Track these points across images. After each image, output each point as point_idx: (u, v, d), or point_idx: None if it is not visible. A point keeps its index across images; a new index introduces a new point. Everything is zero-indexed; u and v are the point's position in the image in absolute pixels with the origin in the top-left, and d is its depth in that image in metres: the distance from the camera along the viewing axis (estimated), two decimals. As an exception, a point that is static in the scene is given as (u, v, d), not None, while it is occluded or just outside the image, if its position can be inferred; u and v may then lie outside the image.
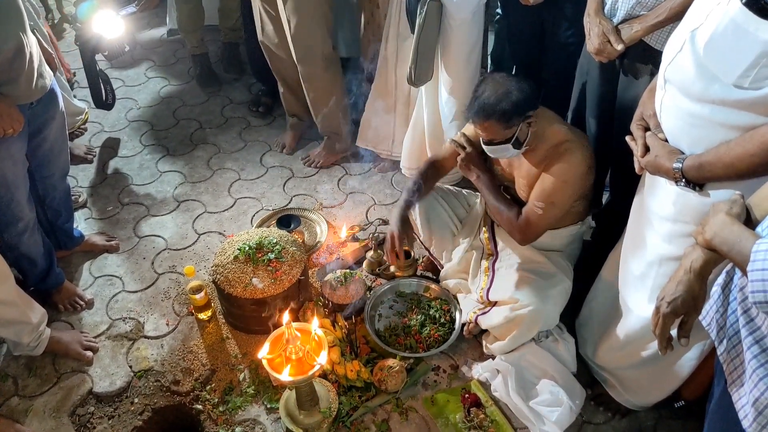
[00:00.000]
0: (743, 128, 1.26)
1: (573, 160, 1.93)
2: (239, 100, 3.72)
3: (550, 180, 1.95)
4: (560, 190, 1.96)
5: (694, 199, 1.45)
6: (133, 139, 3.41)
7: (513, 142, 1.93)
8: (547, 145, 1.97)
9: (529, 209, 2.03)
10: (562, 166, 1.93)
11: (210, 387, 2.16)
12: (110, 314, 2.44)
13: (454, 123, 2.67)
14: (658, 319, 1.27)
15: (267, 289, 2.18)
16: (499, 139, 1.94)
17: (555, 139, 1.96)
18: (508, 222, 2.11)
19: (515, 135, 1.92)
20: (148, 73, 3.99)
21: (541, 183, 1.99)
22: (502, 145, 1.95)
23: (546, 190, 1.97)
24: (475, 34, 2.52)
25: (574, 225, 2.16)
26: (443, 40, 2.50)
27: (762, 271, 0.96)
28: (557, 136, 1.96)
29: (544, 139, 1.97)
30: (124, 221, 2.88)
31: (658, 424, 2.05)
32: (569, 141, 1.94)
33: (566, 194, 1.97)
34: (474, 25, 2.49)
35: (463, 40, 2.50)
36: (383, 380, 2.08)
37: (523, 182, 2.08)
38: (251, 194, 3.04)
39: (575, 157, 1.93)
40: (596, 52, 1.91)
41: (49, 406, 2.10)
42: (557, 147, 1.95)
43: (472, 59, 2.57)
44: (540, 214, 2.00)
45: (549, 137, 1.97)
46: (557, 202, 1.98)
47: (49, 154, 2.26)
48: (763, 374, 1.07)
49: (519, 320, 2.03)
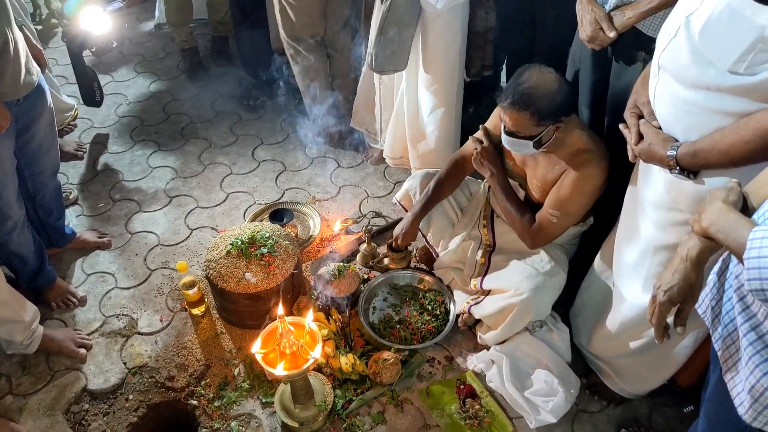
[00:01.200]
0: (738, 115, 1.25)
1: (593, 173, 1.88)
2: (229, 94, 3.69)
3: (568, 190, 1.92)
4: (576, 201, 1.93)
5: (689, 187, 1.45)
6: (123, 135, 3.38)
7: (535, 141, 1.87)
8: (566, 151, 1.92)
9: (544, 217, 2.01)
10: (581, 177, 1.89)
11: (205, 382, 2.15)
12: (103, 311, 2.43)
13: (433, 115, 2.64)
14: (655, 308, 1.27)
15: (260, 284, 2.17)
16: (524, 134, 1.87)
17: (575, 146, 1.91)
18: (520, 226, 2.08)
19: (540, 135, 1.86)
20: (137, 68, 3.95)
21: (557, 191, 1.96)
22: (524, 141, 1.88)
23: (562, 200, 1.94)
24: (452, 30, 2.46)
25: (576, 226, 2.14)
26: (422, 33, 2.47)
27: (758, 259, 0.95)
28: (577, 144, 1.90)
29: (563, 143, 1.92)
30: (115, 217, 2.86)
31: (653, 411, 2.06)
32: (590, 152, 1.89)
33: (582, 204, 1.96)
34: (451, 20, 2.42)
35: (439, 35, 2.45)
36: (378, 373, 2.08)
37: (537, 184, 2.05)
38: (243, 188, 3.02)
39: (596, 170, 1.88)
40: (589, 40, 1.90)
41: (43, 404, 2.09)
42: (576, 156, 1.90)
43: (450, 55, 2.52)
44: (554, 223, 1.99)
45: (569, 143, 1.91)
46: (572, 212, 1.97)
47: (38, 151, 2.23)
48: (759, 361, 1.07)
49: (511, 309, 2.03)
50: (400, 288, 2.47)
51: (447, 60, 2.53)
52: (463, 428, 2.00)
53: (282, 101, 3.46)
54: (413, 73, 2.61)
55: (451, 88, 2.63)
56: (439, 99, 2.61)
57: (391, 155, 2.99)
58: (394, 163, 3.02)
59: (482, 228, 2.32)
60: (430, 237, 2.43)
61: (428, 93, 2.61)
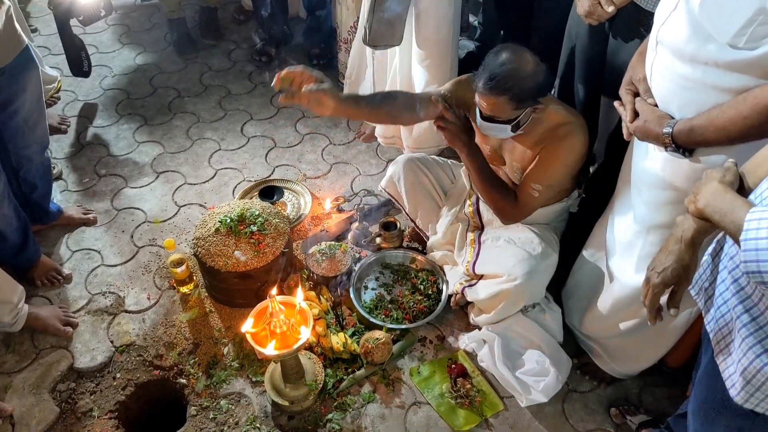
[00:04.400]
0: (736, 91, 1.23)
1: (575, 143, 1.85)
2: (218, 67, 3.61)
3: (550, 163, 1.89)
4: (560, 172, 1.90)
5: (684, 166, 1.43)
6: (109, 109, 3.30)
7: (513, 125, 1.82)
8: (543, 128, 1.88)
9: (525, 192, 1.97)
10: (563, 149, 1.86)
11: (194, 361, 2.13)
12: (89, 289, 2.39)
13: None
14: (648, 289, 1.25)
15: (250, 262, 2.14)
16: (502, 118, 1.81)
17: (553, 121, 1.87)
18: (501, 202, 2.03)
19: (519, 118, 1.81)
20: (122, 40, 3.85)
21: (538, 166, 1.91)
22: (501, 125, 1.83)
23: (545, 173, 1.91)
24: (443, 5, 2.41)
25: (560, 202, 2.11)
26: (415, 7, 2.42)
27: (755, 241, 0.93)
28: (555, 118, 1.87)
29: (540, 121, 1.87)
30: (101, 193, 2.81)
31: (643, 391, 2.07)
32: (570, 123, 1.85)
33: (565, 176, 1.93)
34: None
35: (431, 9, 2.41)
36: (369, 352, 2.06)
37: (517, 165, 2.00)
38: (232, 165, 2.97)
39: (577, 140, 1.85)
40: (586, 15, 1.85)
41: (28, 383, 2.06)
42: (556, 129, 1.86)
43: (443, 31, 2.47)
44: (535, 197, 1.96)
45: (546, 119, 1.87)
46: (554, 185, 1.94)
47: (23, 126, 2.16)
48: (752, 343, 1.06)
49: (505, 294, 2.01)
50: (393, 267, 2.45)
51: (440, 35, 2.48)
52: (454, 407, 2.00)
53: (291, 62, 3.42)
54: (407, 48, 2.56)
55: (444, 64, 2.58)
56: (432, 75, 2.56)
57: (383, 134, 2.94)
58: (386, 143, 2.98)
59: (468, 209, 2.30)
60: (419, 221, 2.41)
61: (421, 69, 2.56)
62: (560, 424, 1.98)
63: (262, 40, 3.70)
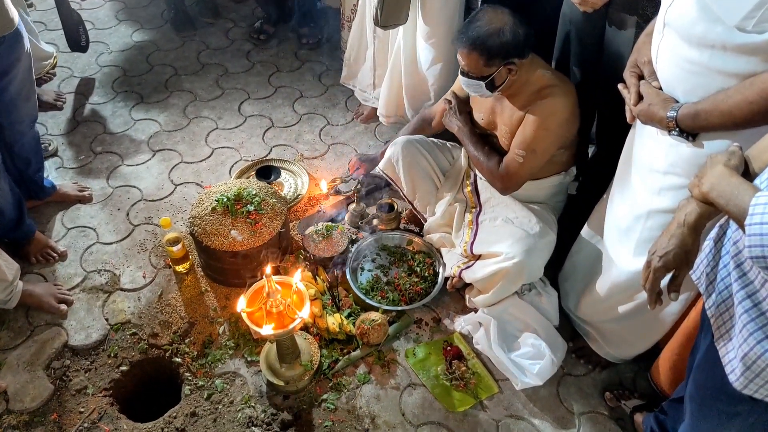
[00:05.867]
0: (743, 76, 1.21)
1: (554, 106, 1.88)
2: (216, 46, 3.57)
3: (531, 127, 1.91)
4: (541, 137, 1.91)
5: (687, 151, 1.41)
6: (105, 86, 3.26)
7: (487, 83, 1.89)
8: (530, 90, 1.92)
9: (510, 158, 2.00)
10: (542, 112, 1.89)
11: (189, 340, 2.13)
12: (84, 266, 2.37)
13: (432, 69, 2.58)
14: (649, 273, 1.24)
15: (246, 242, 2.13)
16: (475, 74, 1.89)
17: (538, 84, 1.91)
18: (489, 171, 2.09)
19: (492, 76, 1.87)
20: (119, 16, 3.80)
21: (522, 130, 1.95)
22: (477, 81, 1.90)
23: (527, 138, 1.93)
24: None
25: (557, 175, 2.12)
26: None
27: (760, 225, 0.92)
28: (540, 82, 1.91)
29: (528, 84, 1.92)
30: (97, 171, 2.78)
31: (638, 376, 2.07)
32: (552, 86, 1.89)
33: (547, 141, 1.93)
34: None
35: None
36: (365, 333, 2.06)
37: (506, 129, 2.03)
38: (229, 144, 2.94)
39: (557, 102, 1.88)
40: (580, 2, 1.83)
41: (23, 360, 2.05)
42: (540, 92, 1.90)
43: (450, 5, 2.46)
44: (520, 163, 1.97)
45: (533, 82, 1.92)
46: (538, 150, 1.94)
47: (16, 99, 2.14)
48: (754, 329, 1.05)
49: (503, 273, 2.00)
50: (390, 249, 2.44)
51: (446, 11, 2.46)
52: (448, 389, 2.00)
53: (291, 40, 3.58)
54: (411, 27, 2.53)
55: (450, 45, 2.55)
56: (438, 52, 2.54)
57: (385, 113, 2.91)
58: (387, 122, 2.95)
59: (466, 189, 2.29)
60: (416, 203, 2.40)
61: (427, 46, 2.54)
62: (555, 407, 1.99)
63: (260, 19, 3.66)
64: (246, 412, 1.94)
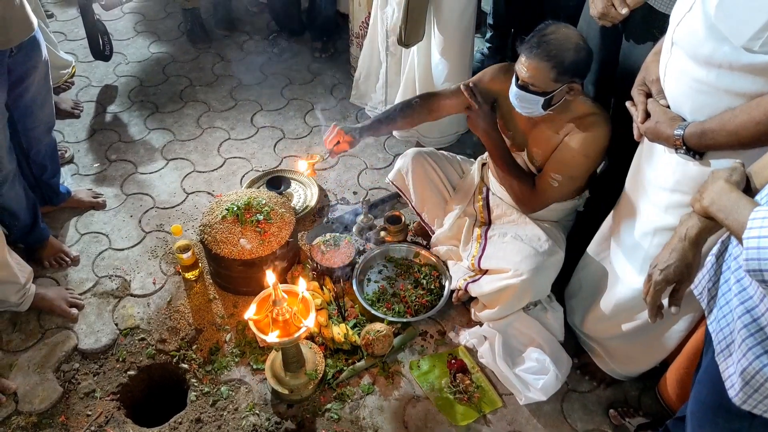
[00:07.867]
0: (750, 95, 1.22)
1: (598, 134, 1.85)
2: (230, 58, 3.63)
3: (571, 152, 1.88)
4: (581, 163, 1.89)
5: (694, 169, 1.42)
6: (122, 95, 3.33)
7: (545, 100, 1.80)
8: (569, 116, 1.88)
9: (545, 181, 1.97)
10: (587, 139, 1.85)
11: (196, 347, 2.15)
12: (96, 271, 2.41)
13: (446, 84, 2.61)
14: (650, 286, 1.25)
15: (255, 250, 2.15)
16: (539, 88, 1.79)
17: (579, 111, 1.87)
18: (520, 190, 2.05)
19: (554, 92, 1.80)
20: (137, 28, 3.88)
21: (560, 155, 1.91)
22: (535, 97, 1.80)
23: (566, 163, 1.90)
24: None
25: (572, 200, 2.11)
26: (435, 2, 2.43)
27: (758, 239, 0.93)
28: (582, 108, 1.87)
29: (568, 109, 1.88)
30: (111, 178, 2.83)
31: (643, 393, 2.06)
32: (596, 114, 1.85)
33: (586, 168, 1.92)
34: None
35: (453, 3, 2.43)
36: (370, 344, 2.07)
37: (539, 152, 2.00)
38: (241, 154, 2.99)
39: (601, 131, 1.85)
40: (600, 16, 1.85)
41: (33, 362, 2.09)
42: (582, 119, 1.86)
43: (464, 20, 2.50)
44: (555, 187, 1.95)
45: (573, 108, 1.88)
46: (575, 176, 1.93)
47: (32, 105, 2.19)
48: (752, 344, 1.06)
49: (510, 290, 2.00)
50: (396, 261, 2.45)
51: (461, 26, 2.51)
52: (452, 402, 2.00)
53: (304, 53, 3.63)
54: (425, 44, 2.57)
55: (464, 54, 2.62)
56: (453, 66, 2.59)
57: None
58: (401, 135, 2.98)
59: (477, 204, 2.29)
60: (425, 215, 2.41)
61: (443, 60, 2.58)
62: (558, 424, 1.98)
63: (274, 32, 3.73)
64: (250, 420, 1.95)
